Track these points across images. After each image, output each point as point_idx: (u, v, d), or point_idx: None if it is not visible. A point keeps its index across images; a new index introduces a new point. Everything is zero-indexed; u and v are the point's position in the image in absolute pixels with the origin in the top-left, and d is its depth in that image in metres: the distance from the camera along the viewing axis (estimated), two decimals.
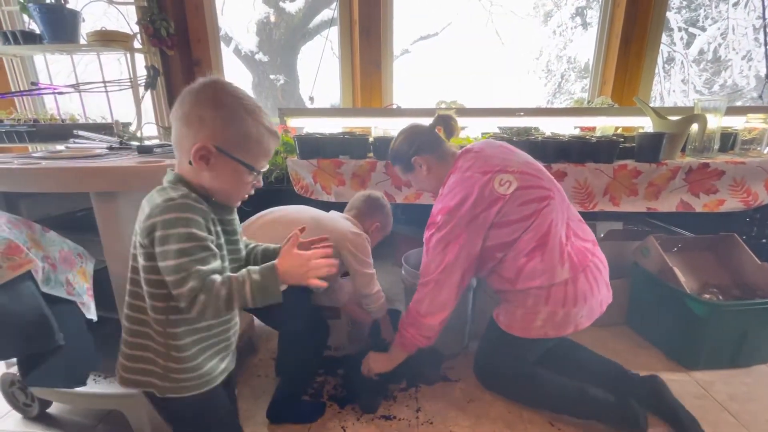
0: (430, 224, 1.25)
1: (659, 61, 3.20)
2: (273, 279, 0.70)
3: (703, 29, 5.40)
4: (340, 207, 1.52)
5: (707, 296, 1.60)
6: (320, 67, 2.53)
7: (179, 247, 0.64)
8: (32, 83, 2.13)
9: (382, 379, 1.37)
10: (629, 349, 1.67)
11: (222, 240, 0.76)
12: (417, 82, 2.87)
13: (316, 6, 3.91)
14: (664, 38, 5.21)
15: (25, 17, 2.10)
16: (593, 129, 2.25)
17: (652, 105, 1.90)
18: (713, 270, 1.76)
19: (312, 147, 1.82)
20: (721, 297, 1.61)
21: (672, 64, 5.49)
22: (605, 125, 2.21)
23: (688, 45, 5.45)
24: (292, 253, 0.73)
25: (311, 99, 2.54)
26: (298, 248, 0.75)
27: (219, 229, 0.75)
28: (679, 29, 5.43)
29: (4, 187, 1.05)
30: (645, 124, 2.17)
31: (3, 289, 0.70)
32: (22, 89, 2.22)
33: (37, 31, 1.96)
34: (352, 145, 1.82)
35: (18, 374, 1.20)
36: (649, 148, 1.66)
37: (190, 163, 0.70)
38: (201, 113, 0.68)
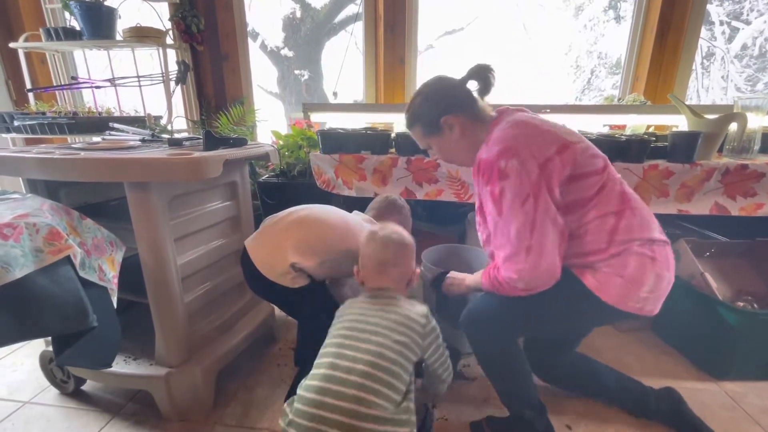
0: (483, 172, 0.97)
1: (697, 56, 3.04)
2: None
3: (748, 22, 5.09)
4: (360, 202, 1.53)
5: (741, 304, 1.53)
6: (344, 63, 2.55)
7: None
8: (72, 78, 2.25)
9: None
10: (653, 356, 1.61)
11: None
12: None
13: (341, 1, 3.93)
14: (704, 32, 4.95)
15: (67, 14, 2.21)
16: (623, 127, 2.17)
17: (687, 103, 1.82)
18: (748, 277, 1.67)
19: (334, 142, 1.83)
20: (756, 305, 1.53)
21: (711, 60, 5.21)
22: (636, 124, 2.13)
23: (730, 39, 5.15)
24: None
25: (335, 94, 2.56)
26: None
27: None
28: (721, 23, 5.14)
29: (46, 175, 1.11)
30: (679, 122, 2.07)
31: (44, 271, 0.75)
32: (62, 83, 2.34)
33: (77, 28, 2.05)
34: (374, 140, 1.82)
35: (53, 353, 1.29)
36: (682, 147, 1.59)
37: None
38: None
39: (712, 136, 1.61)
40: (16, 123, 1.87)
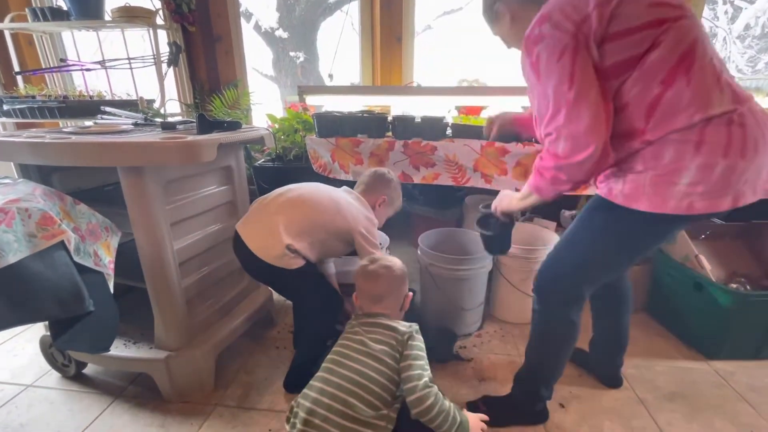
0: (524, 48, 0.89)
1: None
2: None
3: (751, 1, 4.99)
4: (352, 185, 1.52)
5: (734, 286, 1.55)
6: (340, 43, 2.49)
7: None
8: (61, 60, 2.19)
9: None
10: (646, 336, 1.64)
11: None
12: (439, 59, 2.80)
13: None
14: (707, 12, 4.84)
15: None
16: None
17: None
18: (743, 259, 1.69)
19: (330, 125, 1.81)
20: (748, 287, 1.55)
21: (713, 41, 5.13)
22: None
23: (732, 19, 5.06)
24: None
25: (330, 76, 2.52)
26: None
27: None
28: (724, 2, 5.03)
29: (37, 159, 1.10)
30: None
31: (39, 257, 0.74)
32: (51, 66, 2.28)
33: (65, 8, 1.99)
34: (371, 123, 1.80)
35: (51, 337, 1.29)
36: None
37: None
38: None
39: None
40: (5, 107, 1.83)
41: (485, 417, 1.05)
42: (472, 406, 1.26)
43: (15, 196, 0.79)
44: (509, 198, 1.16)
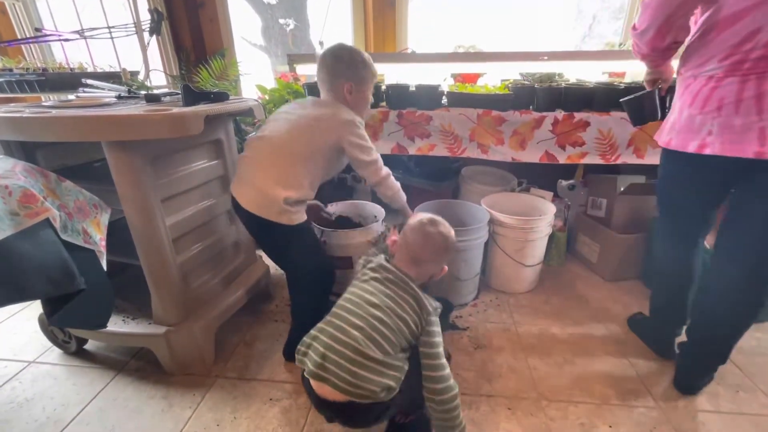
0: None
1: None
2: None
3: None
4: None
5: None
6: (331, 9, 2.37)
7: None
8: (36, 29, 2.08)
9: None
10: (639, 303, 1.67)
11: None
12: (434, 25, 2.68)
13: None
14: None
15: None
16: (623, 75, 2.09)
17: None
18: None
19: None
20: None
21: None
22: (637, 71, 2.04)
23: None
24: None
25: (321, 44, 2.42)
26: None
27: None
28: None
29: (16, 135, 1.06)
30: None
31: (24, 235, 0.73)
32: (27, 37, 2.17)
33: None
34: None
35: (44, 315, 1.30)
36: None
37: None
38: None
39: None
40: None
41: None
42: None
43: None
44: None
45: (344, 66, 1.22)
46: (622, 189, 1.77)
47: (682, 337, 1.29)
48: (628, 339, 1.47)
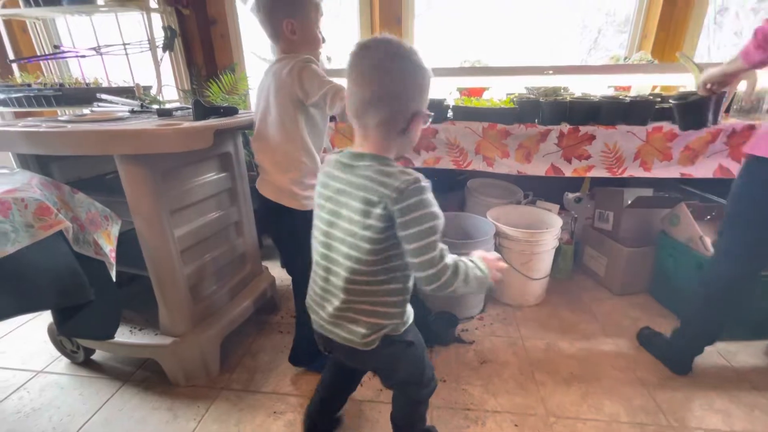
0: None
1: (711, 11, 2.90)
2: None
3: None
4: None
5: None
6: (338, 24, 2.43)
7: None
8: (55, 47, 2.16)
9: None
10: (648, 318, 1.64)
11: None
12: (440, 39, 2.73)
13: None
14: None
15: None
16: (629, 88, 2.10)
17: (697, 61, 1.74)
18: None
19: None
20: None
21: (725, 15, 4.96)
22: (642, 84, 2.05)
23: None
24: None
25: (328, 59, 2.46)
26: None
27: None
28: None
29: (33, 149, 1.09)
30: (688, 82, 1.99)
31: (38, 247, 0.75)
32: (46, 53, 2.25)
33: None
34: None
35: (54, 325, 1.32)
36: None
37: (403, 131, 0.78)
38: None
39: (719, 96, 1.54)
40: (1, 96, 1.81)
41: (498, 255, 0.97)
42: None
43: (11, 186, 0.78)
44: (712, 68, 1.19)
45: (279, 2, 1.05)
46: (629, 202, 1.77)
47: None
48: (638, 354, 1.44)
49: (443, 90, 2.06)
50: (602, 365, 1.39)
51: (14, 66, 2.17)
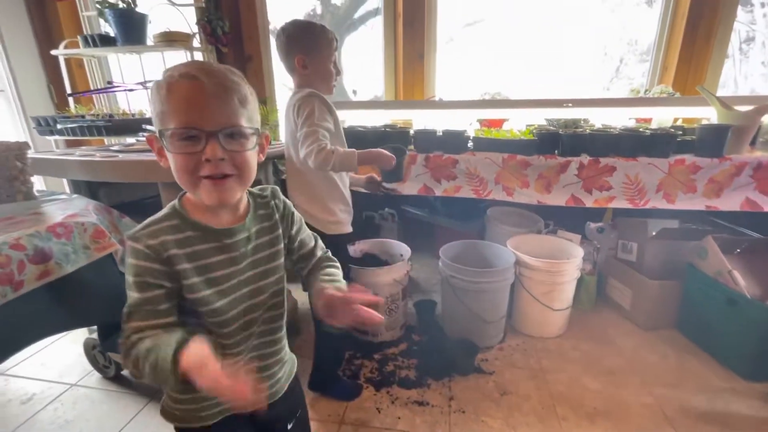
0: None
1: (735, 41, 2.90)
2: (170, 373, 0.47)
3: None
4: (381, 201, 1.55)
5: None
6: (364, 59, 2.57)
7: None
8: (108, 82, 2.37)
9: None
10: (677, 355, 1.58)
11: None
12: (461, 71, 2.83)
13: None
14: (743, 16, 4.66)
15: (101, 21, 2.33)
16: (650, 120, 2.11)
17: (723, 92, 1.75)
18: None
19: (354, 140, 1.86)
20: None
21: (751, 45, 4.91)
22: (663, 117, 2.06)
23: None
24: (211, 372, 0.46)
25: (354, 92, 2.60)
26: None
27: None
28: (762, 4, 4.82)
29: (88, 176, 1.20)
30: (711, 114, 1.99)
31: (92, 267, 0.82)
32: (99, 87, 2.47)
33: (112, 34, 2.16)
34: (394, 137, 1.85)
35: (98, 339, 1.39)
36: (711, 141, 1.54)
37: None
38: None
39: (743, 129, 1.55)
40: (59, 126, 2.00)
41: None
42: None
43: (72, 211, 0.87)
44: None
45: (294, 39, 1.13)
46: (653, 233, 1.74)
47: None
48: (667, 392, 1.39)
49: (464, 121, 2.13)
50: (628, 402, 1.34)
51: (70, 99, 2.39)
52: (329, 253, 0.77)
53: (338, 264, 0.75)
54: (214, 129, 0.53)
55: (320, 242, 0.78)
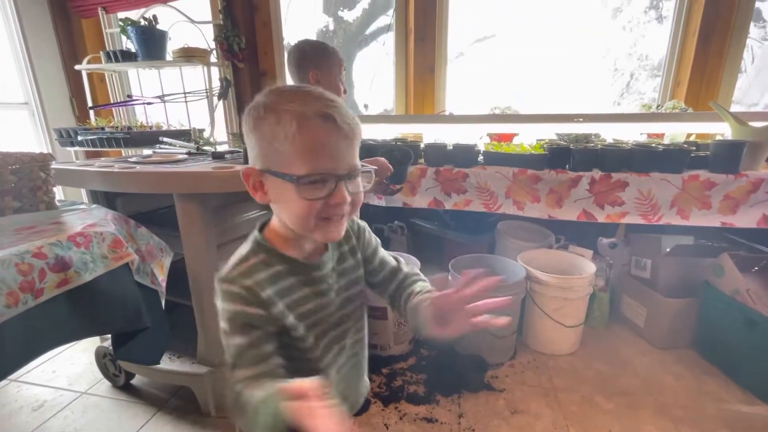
0: None
1: (748, 57, 2.89)
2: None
3: None
4: (391, 212, 1.56)
5: None
6: (375, 74, 2.62)
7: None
8: (128, 96, 2.45)
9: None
10: (694, 376, 1.54)
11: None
12: (472, 85, 2.86)
13: (372, 13, 4.02)
14: (756, 32, 4.64)
15: (123, 38, 2.42)
16: (662, 136, 2.09)
17: (735, 107, 1.74)
18: None
19: (365, 153, 1.88)
20: None
21: (766, 61, 4.86)
22: (676, 132, 2.05)
23: None
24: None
25: (366, 106, 2.64)
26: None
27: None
28: None
29: (107, 187, 1.24)
30: (724, 130, 1.97)
31: (108, 276, 0.84)
32: (119, 100, 2.56)
33: (133, 50, 2.24)
34: (399, 148, 1.86)
35: (110, 348, 1.41)
36: (725, 157, 1.52)
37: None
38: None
39: (758, 144, 1.53)
40: (79, 137, 2.06)
41: None
42: None
43: (91, 221, 0.90)
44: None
45: (308, 57, 1.25)
46: (667, 249, 1.71)
47: None
48: (684, 414, 1.34)
49: (474, 135, 2.14)
50: (644, 424, 1.30)
51: (91, 112, 2.47)
52: (415, 268, 0.74)
53: (425, 277, 0.71)
54: (343, 173, 0.52)
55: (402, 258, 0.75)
